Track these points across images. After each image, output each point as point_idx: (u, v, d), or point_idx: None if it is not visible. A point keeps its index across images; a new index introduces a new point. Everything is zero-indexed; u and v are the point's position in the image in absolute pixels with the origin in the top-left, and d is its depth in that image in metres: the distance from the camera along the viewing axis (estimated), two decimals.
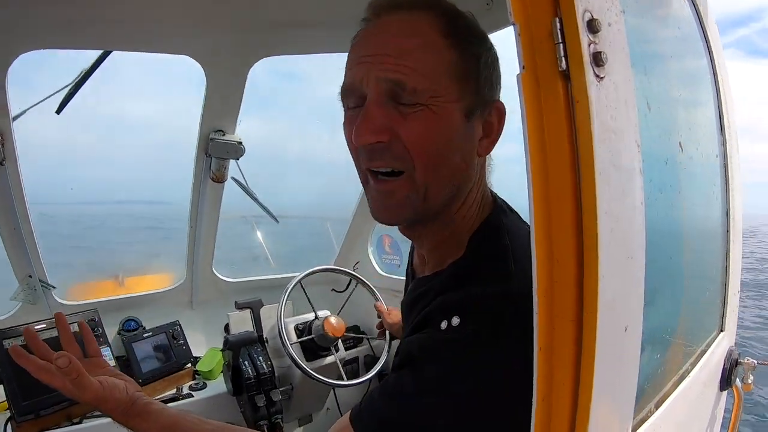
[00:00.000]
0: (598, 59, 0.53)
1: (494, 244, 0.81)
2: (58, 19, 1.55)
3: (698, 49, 1.22)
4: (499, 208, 0.89)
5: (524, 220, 0.90)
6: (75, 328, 1.22)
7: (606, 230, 0.52)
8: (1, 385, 1.78)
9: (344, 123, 0.83)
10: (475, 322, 0.73)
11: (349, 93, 0.80)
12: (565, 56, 0.52)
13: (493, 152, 0.87)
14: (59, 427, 1.78)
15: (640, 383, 0.74)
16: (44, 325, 1.84)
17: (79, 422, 1.81)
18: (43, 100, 1.83)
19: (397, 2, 0.79)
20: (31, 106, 1.80)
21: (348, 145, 0.83)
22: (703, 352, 1.18)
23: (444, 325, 0.75)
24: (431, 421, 0.74)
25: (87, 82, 1.81)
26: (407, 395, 0.76)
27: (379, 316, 2.01)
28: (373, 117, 0.75)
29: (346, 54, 0.82)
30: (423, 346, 0.78)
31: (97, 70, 1.80)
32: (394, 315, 1.91)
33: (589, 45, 0.53)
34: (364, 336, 2.54)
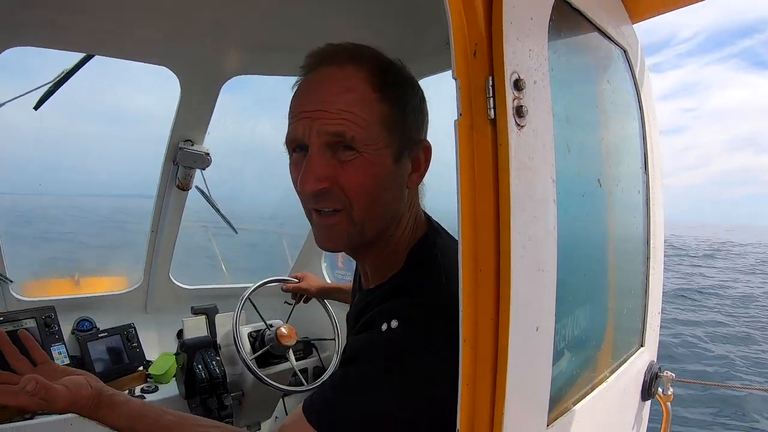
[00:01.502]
0: (519, 111, 0.68)
1: (427, 259, 0.94)
2: (42, 19, 1.61)
3: (628, 99, 1.38)
4: (433, 229, 1.02)
5: (454, 237, 1.02)
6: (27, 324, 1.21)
7: (518, 247, 0.66)
8: None
9: (290, 165, 0.94)
10: (412, 326, 0.84)
11: (293, 143, 0.91)
12: (494, 108, 0.67)
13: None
14: (12, 422, 1.77)
15: (558, 379, 0.86)
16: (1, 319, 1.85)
17: (31, 418, 1.81)
18: (23, 95, 1.88)
19: (332, 55, 0.90)
20: (8, 101, 1.85)
21: (294, 186, 0.94)
22: (622, 362, 1.32)
23: (384, 327, 0.85)
24: (376, 415, 0.82)
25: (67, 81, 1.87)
26: (353, 389, 0.85)
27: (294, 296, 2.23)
28: (316, 167, 0.86)
29: None
30: (366, 345, 0.87)
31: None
32: (310, 278, 2.21)
33: (514, 100, 0.68)
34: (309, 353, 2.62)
